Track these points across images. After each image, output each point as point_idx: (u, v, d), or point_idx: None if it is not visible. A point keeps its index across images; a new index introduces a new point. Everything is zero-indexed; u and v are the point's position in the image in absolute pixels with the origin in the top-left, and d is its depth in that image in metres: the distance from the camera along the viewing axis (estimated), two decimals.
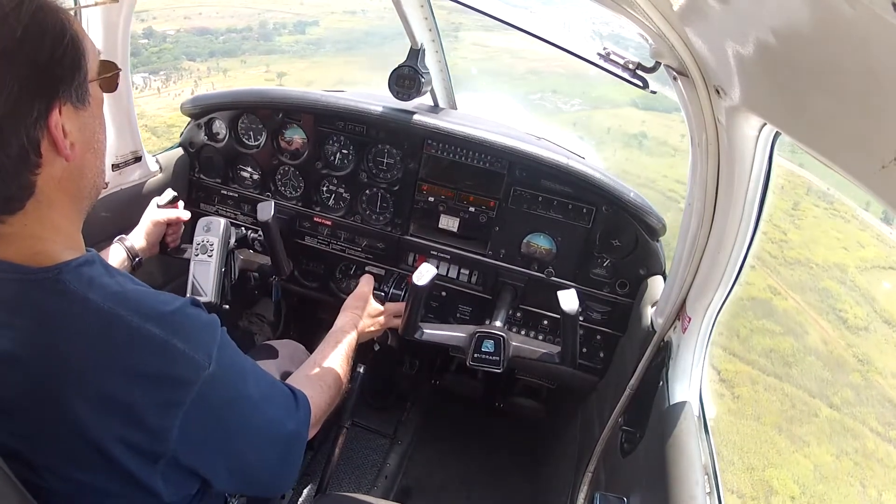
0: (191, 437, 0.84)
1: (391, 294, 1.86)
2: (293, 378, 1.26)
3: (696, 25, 0.92)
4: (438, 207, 1.99)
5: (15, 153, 0.75)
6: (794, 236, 16.06)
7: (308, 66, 24.18)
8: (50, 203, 0.81)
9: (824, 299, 14.42)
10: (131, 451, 0.80)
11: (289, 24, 28.81)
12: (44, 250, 0.81)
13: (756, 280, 13.26)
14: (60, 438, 0.79)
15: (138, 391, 0.79)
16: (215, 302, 1.63)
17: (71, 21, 0.79)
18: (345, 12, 31.31)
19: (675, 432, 1.27)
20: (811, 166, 13.40)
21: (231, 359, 0.92)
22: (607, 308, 1.91)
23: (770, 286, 13.82)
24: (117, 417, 0.79)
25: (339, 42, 28.97)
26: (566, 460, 2.11)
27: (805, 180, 16.19)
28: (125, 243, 1.60)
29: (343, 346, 1.45)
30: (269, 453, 0.98)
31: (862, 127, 0.61)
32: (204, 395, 0.84)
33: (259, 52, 25.52)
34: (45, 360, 0.78)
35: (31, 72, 0.75)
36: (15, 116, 0.74)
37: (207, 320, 0.90)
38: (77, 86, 0.81)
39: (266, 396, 0.98)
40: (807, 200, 16.97)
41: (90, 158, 0.86)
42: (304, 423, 1.06)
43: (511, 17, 1.49)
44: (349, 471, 2.35)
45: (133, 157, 1.97)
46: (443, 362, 2.65)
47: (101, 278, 0.83)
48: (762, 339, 12.97)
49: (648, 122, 22.87)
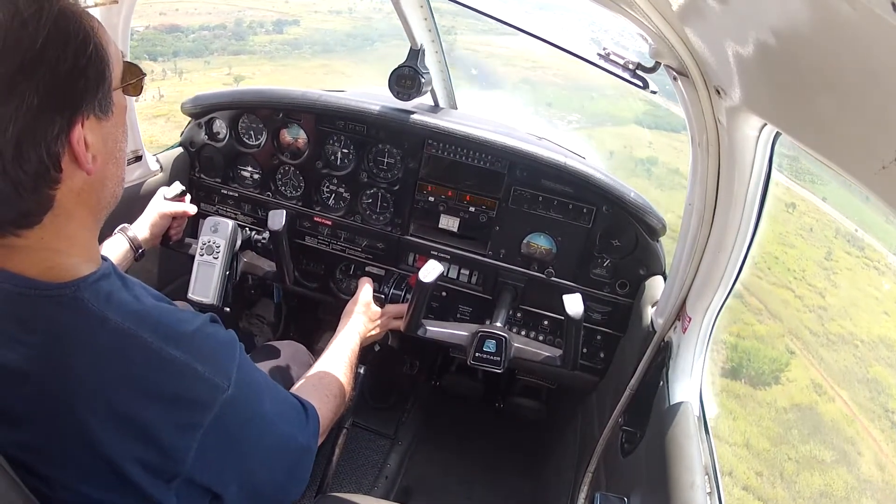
0: (207, 457, 0.83)
1: (391, 295, 1.86)
2: (300, 388, 1.26)
3: (695, 25, 0.92)
4: (438, 207, 1.99)
5: (34, 170, 0.70)
6: (832, 300, 13.43)
7: (274, 70, 21.97)
8: (68, 216, 0.78)
9: (875, 396, 11.62)
10: (146, 471, 0.79)
11: (267, 23, 27.10)
12: (60, 264, 0.78)
13: (798, 373, 10.95)
14: (72, 454, 0.78)
15: (155, 412, 0.78)
16: (217, 304, 1.63)
17: (95, 27, 0.75)
18: (330, 11, 29.42)
19: (676, 432, 1.27)
20: (834, 200, 11.97)
21: (249, 378, 0.91)
22: (607, 308, 1.91)
23: (814, 382, 11.30)
24: (133, 437, 0.78)
25: (316, 44, 27.14)
26: (566, 460, 2.11)
27: (831, 218, 13.95)
28: (128, 233, 1.58)
29: (347, 353, 1.45)
30: (278, 468, 0.97)
31: (862, 127, 0.61)
32: (222, 416, 0.83)
33: (228, 53, 23.49)
34: (60, 376, 0.76)
35: (53, 84, 0.70)
36: (35, 132, 0.69)
37: (226, 339, 0.89)
38: (101, 96, 0.76)
39: (280, 412, 0.98)
40: (837, 245, 14.62)
41: (111, 169, 0.83)
42: (314, 435, 1.06)
43: (511, 18, 1.49)
44: (349, 471, 2.35)
45: (134, 157, 1.97)
46: (443, 362, 2.65)
47: (119, 294, 0.81)
48: (811, 475, 9.63)
49: (656, 143, 19.83)
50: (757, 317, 11.66)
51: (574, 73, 19.64)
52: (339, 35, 27.66)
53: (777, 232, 12.79)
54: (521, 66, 24.79)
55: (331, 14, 29.24)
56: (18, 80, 0.67)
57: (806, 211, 13.44)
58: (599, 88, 19.95)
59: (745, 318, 11.31)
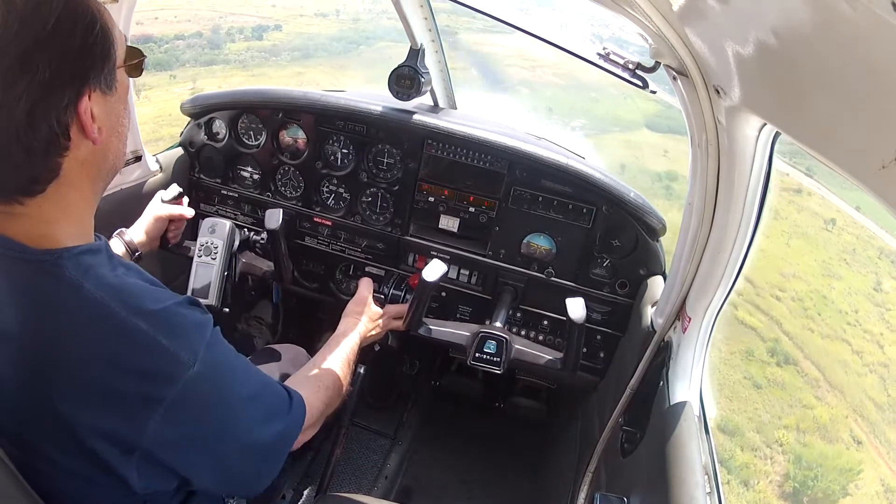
0: (168, 434, 0.84)
1: (391, 295, 1.86)
2: (292, 379, 1.26)
3: (695, 25, 0.92)
4: (438, 207, 1.99)
5: (45, 136, 0.77)
6: (893, 350, 11.56)
7: (243, 81, 19.81)
8: (70, 184, 0.83)
9: None
10: (106, 440, 0.81)
11: (247, 29, 25.59)
12: (51, 234, 0.82)
13: (868, 475, 8.74)
14: (40, 418, 0.81)
15: (120, 382, 0.81)
16: (216, 305, 1.63)
17: (101, 10, 0.82)
18: (316, 14, 28.08)
19: (676, 432, 1.27)
20: (868, 208, 10.08)
21: (219, 359, 0.92)
22: (607, 308, 1.91)
23: (884, 483, 9.26)
24: (95, 405, 0.80)
25: (295, 49, 25.60)
26: (566, 460, 2.11)
27: (870, 233, 12.28)
28: (124, 237, 1.59)
29: (344, 349, 1.45)
30: (251, 454, 0.97)
31: (862, 127, 0.61)
32: (186, 393, 0.84)
33: (199, 63, 21.89)
34: (33, 340, 0.80)
35: (63, 59, 0.76)
36: (46, 102, 0.76)
37: (198, 320, 0.90)
38: (107, 73, 0.83)
39: (254, 396, 0.98)
40: (883, 269, 12.78)
41: (114, 142, 0.89)
42: (297, 423, 1.06)
43: (511, 18, 1.49)
44: (349, 471, 2.35)
45: (133, 157, 1.97)
46: (443, 363, 2.65)
47: (99, 268, 0.84)
48: None
49: (672, 151, 16.63)
50: (815, 391, 10.17)
51: (574, 72, 18.18)
52: (322, 39, 26.32)
53: (820, 260, 11.66)
54: (519, 66, 22.95)
55: (317, 17, 27.86)
56: (32, 56, 0.74)
57: (845, 226, 12.17)
58: (601, 88, 18.38)
59: (804, 395, 9.82)
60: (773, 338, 10.53)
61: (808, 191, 7.52)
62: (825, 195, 11.06)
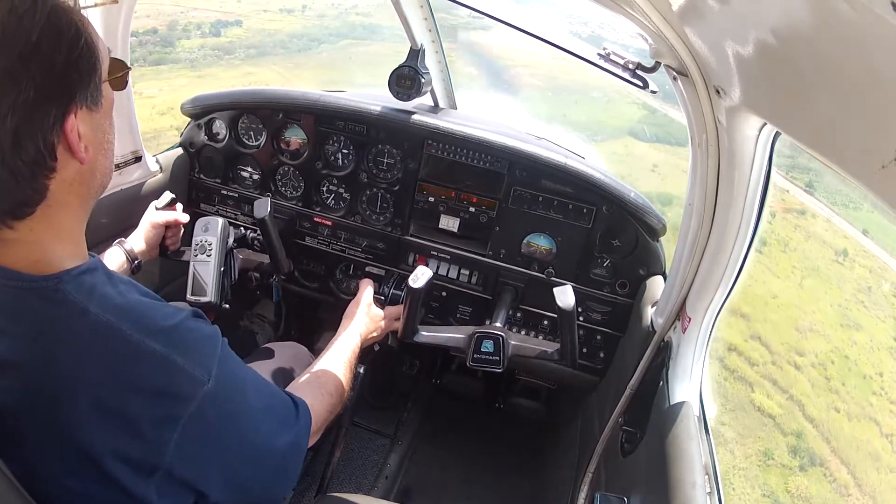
0: (187, 452, 0.83)
1: (391, 295, 1.86)
2: (294, 385, 1.26)
3: (695, 25, 0.92)
4: (438, 207, 1.99)
5: (31, 158, 0.74)
6: None
7: (187, 84, 18.54)
8: (60, 206, 0.80)
9: None
10: (125, 464, 0.79)
11: (205, 25, 23.53)
12: (45, 258, 0.80)
13: None
14: (54, 446, 0.78)
15: (135, 405, 0.79)
16: (215, 302, 1.63)
17: (84, 23, 0.78)
18: (281, 10, 25.95)
19: (676, 432, 1.27)
20: (874, 230, 8.73)
21: (231, 372, 0.91)
22: (607, 308, 1.91)
23: None
24: (112, 429, 0.78)
25: (251, 47, 23.67)
26: (566, 460, 2.11)
27: (882, 263, 10.36)
28: (124, 246, 1.59)
29: (345, 352, 1.45)
30: (265, 465, 0.97)
31: (862, 127, 0.61)
32: (202, 410, 0.83)
33: (148, 63, 19.81)
34: (42, 368, 0.77)
35: (48, 76, 0.73)
36: (31, 122, 0.72)
37: (208, 333, 0.90)
38: (93, 88, 0.80)
39: (266, 408, 0.98)
40: None
41: (101, 160, 0.86)
42: (304, 432, 1.06)
43: (510, 18, 1.49)
44: (349, 471, 2.35)
45: (133, 157, 1.97)
46: (443, 362, 2.65)
47: (102, 287, 0.82)
48: None
49: (662, 166, 13.69)
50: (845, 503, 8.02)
51: (555, 73, 16.30)
52: (282, 36, 24.31)
53: (836, 304, 10.29)
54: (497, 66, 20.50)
55: (281, 13, 25.89)
56: (16, 73, 0.70)
57: (856, 256, 10.45)
58: (583, 91, 16.60)
59: None
60: (794, 430, 8.66)
61: (812, 212, 6.76)
62: (829, 217, 9.97)
